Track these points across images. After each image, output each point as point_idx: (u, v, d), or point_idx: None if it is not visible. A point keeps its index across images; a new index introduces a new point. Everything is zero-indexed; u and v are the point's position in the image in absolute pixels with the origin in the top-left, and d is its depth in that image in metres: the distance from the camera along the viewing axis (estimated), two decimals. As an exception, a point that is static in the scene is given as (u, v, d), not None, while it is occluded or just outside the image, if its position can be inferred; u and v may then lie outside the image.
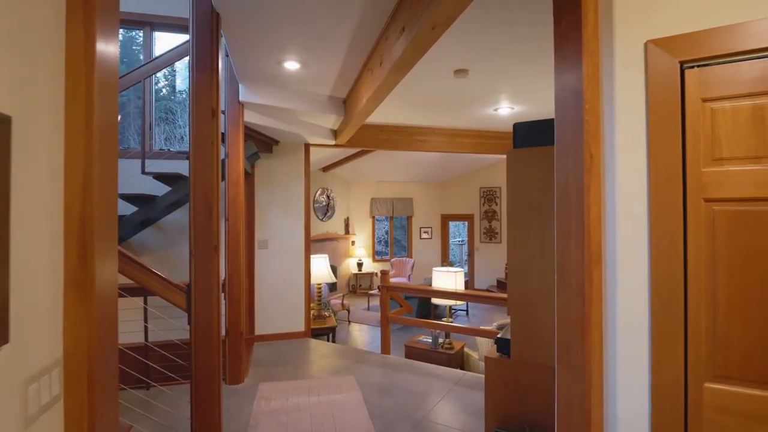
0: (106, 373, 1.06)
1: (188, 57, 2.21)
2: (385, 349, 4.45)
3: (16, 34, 0.75)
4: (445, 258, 10.22)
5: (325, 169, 8.11)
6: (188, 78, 2.16)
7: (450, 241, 10.65)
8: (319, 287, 5.28)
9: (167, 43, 4.49)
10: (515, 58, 2.86)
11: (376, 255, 10.30)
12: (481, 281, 9.55)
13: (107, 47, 1.04)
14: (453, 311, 7.57)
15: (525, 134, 2.30)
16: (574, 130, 1.38)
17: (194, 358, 2.07)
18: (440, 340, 4.35)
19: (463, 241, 11.76)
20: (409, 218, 10.28)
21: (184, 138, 4.94)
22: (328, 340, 5.10)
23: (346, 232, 9.49)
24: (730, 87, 1.18)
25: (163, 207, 3.50)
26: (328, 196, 8.54)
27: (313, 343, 4.61)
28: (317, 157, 6.31)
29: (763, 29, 1.12)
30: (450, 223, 10.53)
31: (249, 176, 4.58)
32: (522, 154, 2.22)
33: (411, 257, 10.07)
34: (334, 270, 8.11)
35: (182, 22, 4.21)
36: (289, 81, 3.36)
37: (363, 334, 6.43)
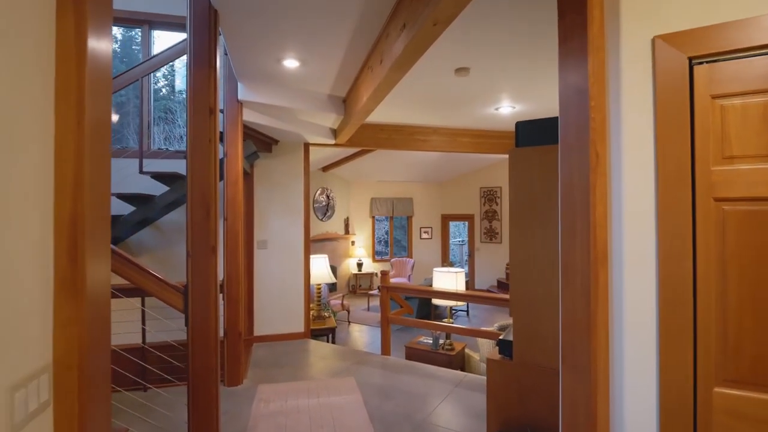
0: (98, 377, 1.03)
1: (186, 55, 2.18)
2: (386, 350, 4.42)
3: (4, 29, 0.72)
4: (445, 258, 10.19)
5: (324, 168, 8.08)
6: (186, 76, 2.13)
7: (450, 241, 10.62)
8: (319, 287, 5.25)
9: (166, 42, 4.47)
10: (517, 56, 2.83)
11: (376, 255, 10.27)
12: (482, 281, 9.53)
13: (100, 42, 1.01)
14: (453, 312, 7.54)
15: (527, 133, 2.27)
16: (579, 128, 1.35)
17: (191, 360, 2.04)
18: (441, 341, 4.32)
19: (463, 241, 11.74)
20: (409, 218, 10.25)
21: (184, 138, 4.91)
22: (327, 341, 5.06)
23: (346, 232, 9.46)
24: (741, 83, 1.15)
25: (161, 207, 3.47)
26: (327, 196, 8.51)
27: (313, 344, 4.58)
28: (317, 156, 6.29)
29: (775, 23, 1.09)
30: (450, 223, 10.50)
31: (248, 176, 4.55)
32: (524, 153, 2.19)
33: (411, 257, 10.04)
34: (333, 270, 8.08)
35: (181, 20, 4.18)
36: (289, 79, 3.33)
37: (363, 335, 6.40)
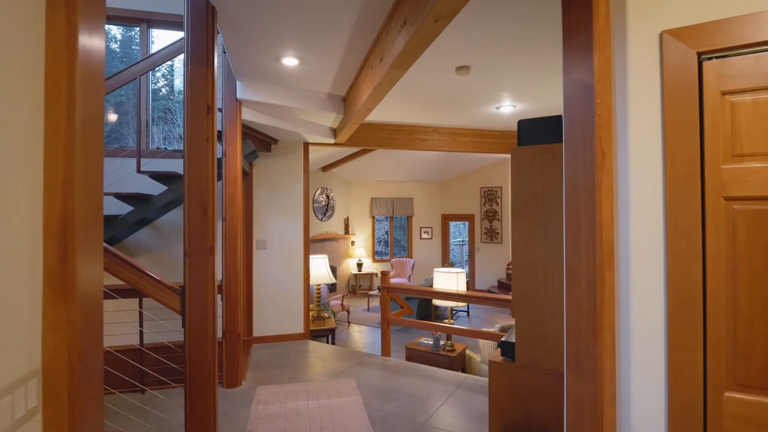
0: (90, 381, 1.00)
1: (184, 53, 2.14)
2: (386, 351, 4.39)
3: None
4: (445, 258, 10.16)
5: (324, 168, 8.05)
6: (183, 73, 2.10)
7: (450, 242, 10.58)
8: (319, 288, 5.21)
9: (165, 41, 4.43)
10: (519, 54, 2.80)
11: (376, 255, 10.24)
12: (482, 282, 9.49)
13: (92, 35, 0.98)
14: (454, 312, 7.51)
15: (530, 131, 2.24)
16: (585, 125, 1.32)
17: (188, 362, 2.00)
18: (441, 343, 4.29)
19: (463, 241, 11.71)
20: (409, 218, 10.22)
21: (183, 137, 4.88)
22: (327, 342, 5.03)
23: (346, 232, 9.42)
24: (752, 79, 1.12)
25: (159, 206, 3.44)
26: (327, 196, 8.47)
27: (313, 344, 4.55)
28: (316, 156, 6.25)
29: (789, 17, 1.05)
30: (450, 223, 10.47)
31: (247, 175, 4.52)
32: (527, 151, 2.16)
33: (411, 257, 10.01)
34: (333, 270, 8.05)
35: (180, 19, 4.15)
36: (288, 78, 3.29)
37: (363, 336, 6.37)
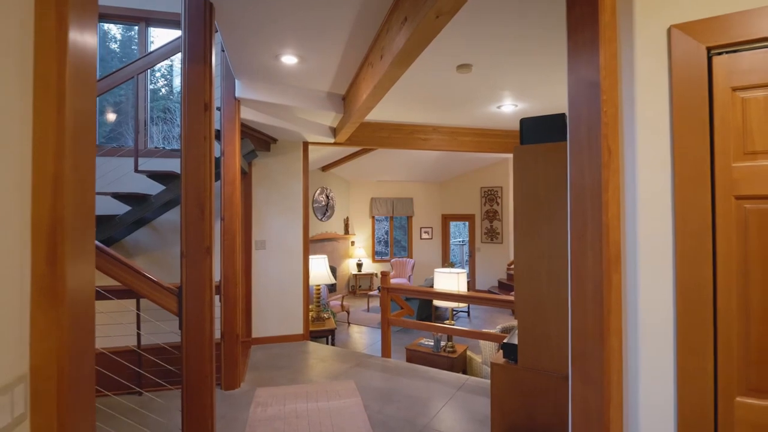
0: (81, 387, 0.97)
1: (181, 50, 2.11)
2: (386, 352, 4.35)
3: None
4: (446, 258, 10.13)
5: (324, 168, 8.02)
6: (180, 71, 2.06)
7: (451, 242, 10.55)
8: (318, 288, 5.18)
9: (164, 41, 4.40)
10: (521, 52, 2.77)
11: (375, 255, 10.21)
12: (483, 282, 9.46)
13: (83, 29, 0.94)
14: (455, 312, 7.47)
15: (532, 130, 2.20)
16: (590, 123, 1.29)
17: (185, 364, 1.97)
18: (442, 344, 4.25)
19: (464, 241, 11.68)
20: (409, 218, 10.18)
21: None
22: (327, 343, 5.00)
23: (346, 232, 9.39)
24: (764, 74, 1.08)
25: (157, 206, 3.40)
26: (327, 196, 8.44)
27: (312, 346, 4.51)
28: (316, 155, 6.22)
29: (803, 10, 1.02)
30: (450, 223, 10.43)
31: (246, 175, 4.49)
32: (530, 150, 2.13)
33: (411, 258, 9.98)
34: (333, 271, 8.02)
35: (178, 17, 4.11)
36: (287, 76, 3.26)
37: (363, 336, 6.33)
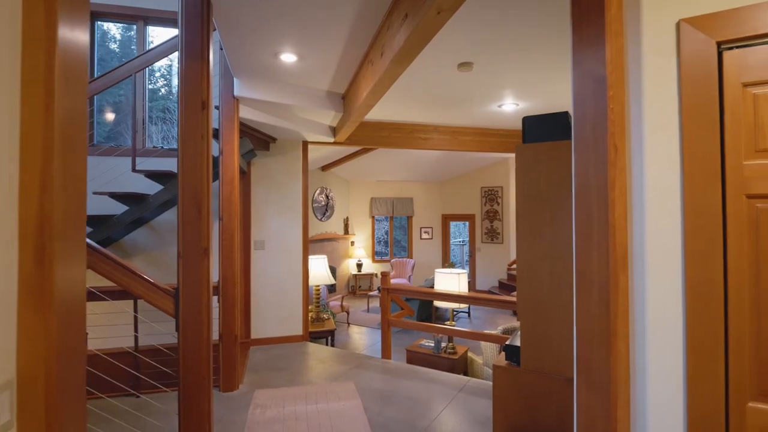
0: (70, 392, 0.93)
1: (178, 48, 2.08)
2: (386, 353, 4.32)
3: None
4: (446, 259, 10.09)
5: (324, 168, 7.98)
6: (177, 68, 2.03)
7: (451, 242, 10.51)
8: (318, 289, 5.14)
9: (163, 40, 4.37)
10: (523, 49, 2.73)
11: (375, 255, 10.17)
12: (483, 282, 9.42)
13: (73, 23, 0.91)
14: (455, 313, 7.44)
15: (535, 128, 2.17)
16: (596, 120, 1.25)
17: (182, 366, 1.93)
18: (443, 345, 4.22)
19: (464, 241, 11.64)
20: (409, 218, 10.15)
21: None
22: (326, 344, 4.96)
23: (346, 232, 9.36)
24: (776, 70, 1.05)
25: (155, 206, 3.37)
26: (327, 196, 8.40)
27: (312, 347, 4.48)
28: (316, 155, 6.18)
29: (818, 2, 0.99)
30: (451, 223, 10.40)
31: (245, 175, 4.45)
32: (532, 149, 2.09)
33: (411, 258, 9.94)
34: (333, 271, 7.98)
35: (177, 16, 4.08)
36: (286, 75, 3.23)
37: (363, 337, 6.30)
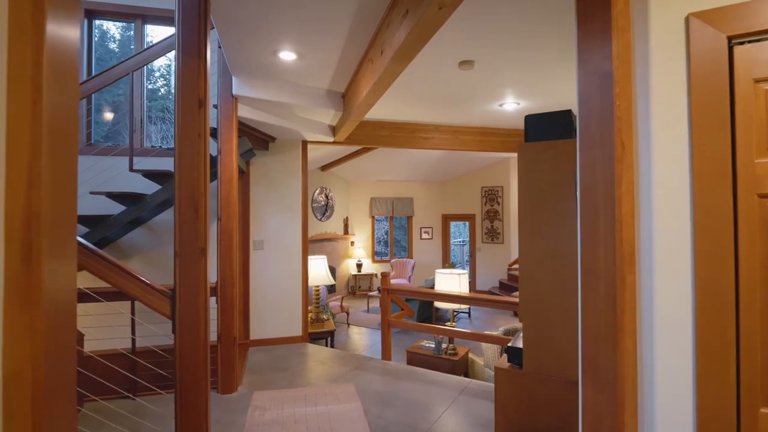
0: (60, 396, 0.90)
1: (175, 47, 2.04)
2: (386, 354, 4.29)
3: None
4: (446, 259, 10.06)
5: (323, 167, 7.95)
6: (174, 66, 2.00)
7: (451, 242, 10.48)
8: (317, 289, 5.11)
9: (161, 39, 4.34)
10: (525, 47, 2.70)
11: (375, 256, 10.14)
12: (483, 282, 9.39)
13: (62, 20, 0.87)
14: (456, 313, 7.40)
15: (537, 127, 2.14)
16: (602, 116, 1.22)
17: (179, 369, 1.90)
18: (443, 346, 4.18)
19: (464, 241, 11.61)
20: (409, 218, 10.12)
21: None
22: (326, 345, 4.93)
23: (345, 232, 9.32)
24: (789, 64, 1.02)
25: (153, 206, 3.33)
26: (326, 196, 8.37)
27: (311, 348, 4.44)
28: (315, 155, 6.15)
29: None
30: (451, 223, 10.37)
31: (244, 174, 4.42)
32: (534, 148, 2.07)
33: (411, 258, 9.91)
34: (332, 271, 7.95)
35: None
36: (285, 73, 3.19)
37: (362, 338, 6.27)
